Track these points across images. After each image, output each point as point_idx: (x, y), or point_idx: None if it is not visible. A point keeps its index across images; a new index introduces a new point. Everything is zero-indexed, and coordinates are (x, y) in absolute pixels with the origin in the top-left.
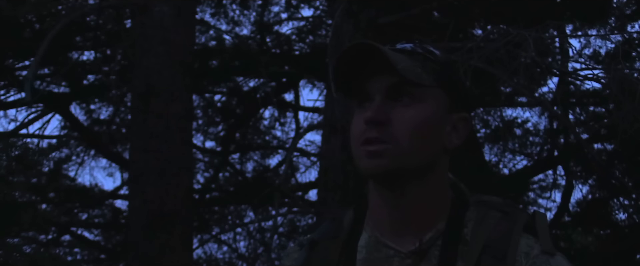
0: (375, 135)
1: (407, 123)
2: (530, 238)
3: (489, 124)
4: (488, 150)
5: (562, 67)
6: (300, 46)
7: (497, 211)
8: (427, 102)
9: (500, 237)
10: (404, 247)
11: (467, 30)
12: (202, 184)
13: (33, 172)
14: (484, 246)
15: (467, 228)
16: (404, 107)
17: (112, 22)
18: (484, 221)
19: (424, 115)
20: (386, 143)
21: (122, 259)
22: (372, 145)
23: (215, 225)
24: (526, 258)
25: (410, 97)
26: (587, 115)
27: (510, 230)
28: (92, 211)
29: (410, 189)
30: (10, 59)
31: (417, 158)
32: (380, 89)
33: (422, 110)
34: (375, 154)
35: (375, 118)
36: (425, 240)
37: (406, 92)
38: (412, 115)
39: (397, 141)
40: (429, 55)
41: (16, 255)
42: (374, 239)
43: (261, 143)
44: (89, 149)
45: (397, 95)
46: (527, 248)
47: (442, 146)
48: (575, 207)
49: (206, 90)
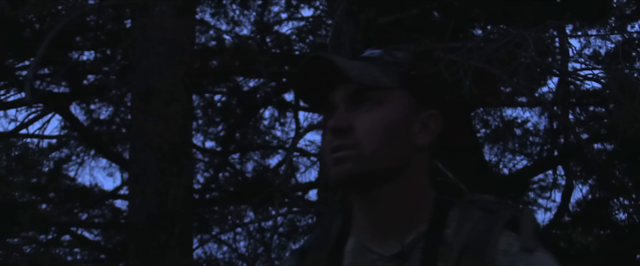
0: (340, 143)
1: (370, 127)
2: (511, 236)
3: (489, 124)
4: (488, 150)
5: (562, 67)
6: (300, 46)
7: (480, 210)
8: (389, 104)
9: (480, 236)
10: (387, 251)
11: (467, 30)
12: (202, 184)
13: (33, 172)
14: (463, 246)
15: (450, 229)
16: (367, 112)
17: (112, 22)
18: (465, 220)
19: (387, 117)
20: (350, 149)
21: (122, 259)
22: (338, 152)
23: (215, 225)
24: (505, 256)
25: (372, 102)
26: (587, 115)
27: (491, 228)
28: (92, 211)
29: (383, 192)
30: (10, 59)
31: (384, 161)
32: (342, 98)
33: (384, 112)
34: (340, 160)
35: (337, 126)
36: (406, 242)
37: (368, 97)
38: (375, 118)
39: (361, 146)
40: (388, 58)
41: (16, 255)
42: (360, 244)
43: (261, 143)
44: (89, 149)
45: (359, 102)
46: (506, 245)
47: (413, 145)
48: (575, 207)
49: (206, 90)
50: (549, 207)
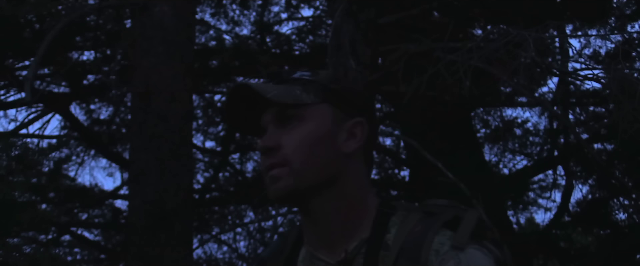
0: (270, 162)
1: (296, 143)
2: (446, 235)
3: (489, 124)
4: (488, 150)
5: (562, 67)
6: (300, 46)
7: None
8: (312, 119)
9: (416, 238)
10: (332, 258)
11: (467, 30)
12: (202, 184)
13: (33, 172)
14: (400, 249)
15: (391, 234)
16: (292, 129)
17: (112, 22)
18: (403, 224)
19: (311, 131)
20: (281, 167)
21: (122, 259)
22: (270, 171)
23: (215, 225)
24: (436, 256)
25: (296, 119)
26: (587, 115)
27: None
28: (92, 211)
29: (319, 204)
30: (10, 59)
31: (315, 173)
32: (269, 120)
33: (308, 127)
34: (273, 178)
35: (265, 145)
36: (350, 249)
37: (291, 115)
38: (299, 134)
39: (290, 162)
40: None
41: (16, 255)
42: (309, 253)
43: None
44: (89, 149)
45: (284, 121)
46: (438, 245)
47: (342, 154)
48: (575, 207)
49: (206, 90)
50: (549, 207)
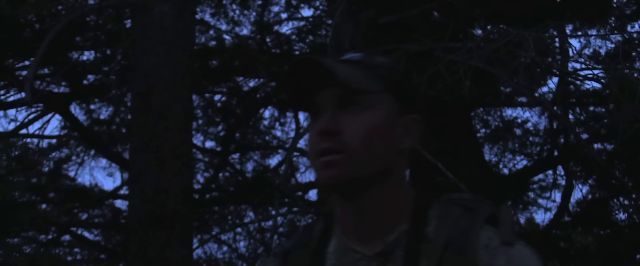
0: (328, 146)
1: (358, 131)
2: (490, 230)
3: (489, 124)
4: (488, 150)
5: (562, 67)
6: (300, 46)
7: (459, 207)
8: (375, 108)
9: (461, 232)
10: (369, 250)
11: (467, 30)
12: (202, 184)
13: (33, 172)
14: (445, 243)
15: (430, 227)
16: (354, 115)
17: (112, 22)
18: (446, 217)
19: (374, 121)
20: (339, 153)
21: (122, 259)
22: (326, 155)
23: (215, 225)
24: (486, 251)
25: (359, 105)
26: (587, 115)
27: (471, 224)
28: (92, 211)
29: (368, 196)
30: (10, 59)
31: (371, 165)
32: (329, 101)
33: (371, 116)
34: (329, 164)
35: (326, 129)
36: (389, 241)
37: (354, 100)
38: (362, 122)
39: (349, 149)
40: (373, 63)
41: (16, 255)
42: (342, 244)
43: (261, 143)
44: (89, 149)
45: (346, 105)
46: (487, 240)
47: (396, 149)
48: (575, 207)
49: (206, 90)
50: (549, 207)
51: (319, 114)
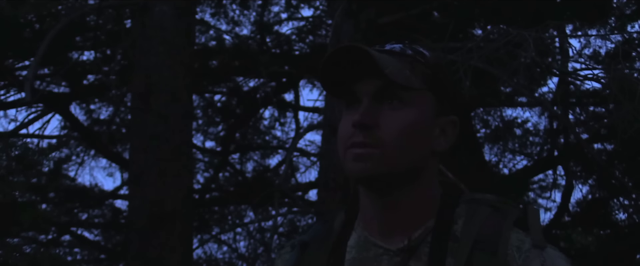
0: (363, 139)
1: (395, 128)
2: (520, 233)
3: (489, 124)
4: (488, 150)
5: (562, 67)
6: (300, 46)
7: (488, 207)
8: (415, 106)
9: (491, 232)
10: (392, 245)
11: (467, 30)
12: (202, 184)
13: (33, 172)
14: (474, 242)
15: (457, 225)
16: (392, 111)
17: (112, 22)
18: (474, 217)
19: (412, 119)
20: (373, 148)
21: (122, 259)
22: (359, 148)
23: (215, 225)
24: (518, 252)
25: (398, 101)
26: (587, 115)
27: (501, 225)
28: (92, 211)
29: (398, 192)
30: (10, 59)
31: (404, 163)
32: (368, 92)
33: (410, 114)
34: (361, 157)
35: (363, 121)
36: (414, 237)
37: (395, 95)
38: (400, 119)
39: (384, 145)
40: (418, 57)
41: (16, 255)
42: (364, 238)
43: (261, 143)
44: (89, 149)
45: (385, 99)
46: (518, 242)
47: (430, 149)
48: (575, 207)
49: (206, 90)
50: (549, 207)
51: (355, 103)
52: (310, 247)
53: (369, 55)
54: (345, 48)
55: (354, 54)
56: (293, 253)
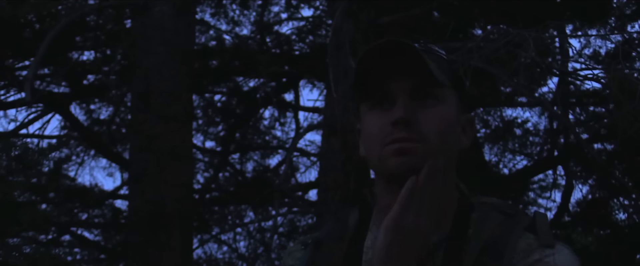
0: (405, 135)
1: (435, 123)
2: (530, 237)
3: (489, 124)
4: (488, 150)
5: (562, 67)
6: (300, 46)
7: (500, 213)
8: (447, 103)
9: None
10: None
11: (467, 30)
12: (202, 184)
13: (33, 172)
14: (483, 247)
15: (471, 230)
16: (431, 108)
17: (112, 22)
18: (486, 222)
19: (447, 115)
20: (414, 142)
21: (122, 259)
22: (400, 142)
23: (215, 225)
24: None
25: (433, 98)
26: (587, 115)
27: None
28: (92, 211)
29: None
30: (10, 59)
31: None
32: (404, 90)
33: (445, 110)
34: (404, 151)
35: (405, 118)
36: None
37: (430, 93)
38: (439, 115)
39: (427, 140)
40: (441, 55)
41: (16, 254)
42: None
43: (261, 143)
44: (89, 149)
45: (421, 96)
46: (526, 246)
47: (457, 147)
48: (575, 207)
49: (206, 90)
50: (549, 207)
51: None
52: (323, 247)
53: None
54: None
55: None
56: (306, 252)
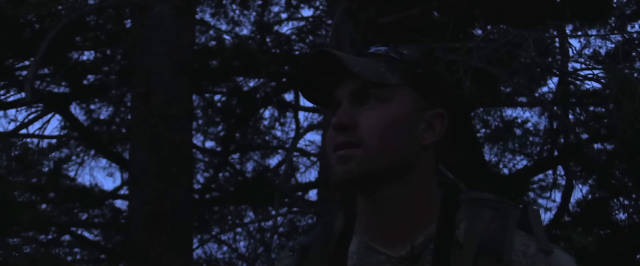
0: (343, 140)
1: (374, 125)
2: (524, 236)
3: (489, 124)
4: (488, 150)
5: (562, 67)
6: (300, 46)
7: (489, 209)
8: (394, 102)
9: (495, 236)
10: (395, 252)
11: (467, 30)
12: (202, 184)
13: (33, 172)
14: (478, 247)
15: (460, 229)
16: (371, 109)
17: (112, 22)
18: (476, 220)
19: (392, 115)
20: (355, 148)
21: (122, 259)
22: (341, 150)
23: (215, 225)
24: (524, 257)
25: (376, 99)
26: (587, 115)
27: (504, 228)
28: (92, 211)
29: (388, 192)
30: (10, 59)
31: (388, 160)
32: (346, 94)
33: (389, 110)
34: (344, 159)
35: (340, 122)
36: (416, 244)
37: (372, 94)
38: (379, 116)
39: (365, 144)
40: (393, 55)
41: (16, 255)
42: (364, 245)
43: (261, 143)
44: (89, 149)
45: (363, 98)
46: (523, 246)
47: (418, 145)
48: (575, 207)
49: (206, 90)
50: (549, 207)
51: (337, 108)
52: (310, 252)
53: (337, 58)
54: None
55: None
56: (293, 258)
